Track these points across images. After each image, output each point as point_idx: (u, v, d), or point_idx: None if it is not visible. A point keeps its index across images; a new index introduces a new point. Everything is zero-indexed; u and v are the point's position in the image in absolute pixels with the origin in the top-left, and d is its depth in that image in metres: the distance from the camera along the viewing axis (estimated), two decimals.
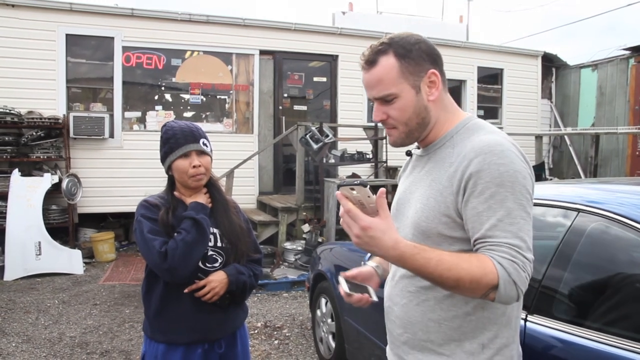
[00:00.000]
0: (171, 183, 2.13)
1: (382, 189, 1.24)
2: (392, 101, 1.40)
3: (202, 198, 2.10)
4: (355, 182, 1.23)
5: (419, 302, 1.42)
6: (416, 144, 1.51)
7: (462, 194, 1.32)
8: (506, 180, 1.27)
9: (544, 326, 1.92)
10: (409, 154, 1.60)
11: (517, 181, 1.28)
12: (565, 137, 11.65)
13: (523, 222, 1.27)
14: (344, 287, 1.47)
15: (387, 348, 1.61)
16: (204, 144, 2.08)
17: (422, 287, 1.41)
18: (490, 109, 11.11)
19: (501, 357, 1.39)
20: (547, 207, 2.30)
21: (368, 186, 1.23)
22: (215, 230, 2.10)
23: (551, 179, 10.49)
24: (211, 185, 2.16)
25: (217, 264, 2.08)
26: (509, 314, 1.41)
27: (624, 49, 10.80)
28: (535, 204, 2.34)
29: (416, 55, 1.39)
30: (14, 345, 4.44)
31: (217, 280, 2.03)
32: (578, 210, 2.05)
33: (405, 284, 1.46)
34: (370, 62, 1.40)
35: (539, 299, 2.02)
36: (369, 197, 1.23)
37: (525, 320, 1.99)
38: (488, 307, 1.37)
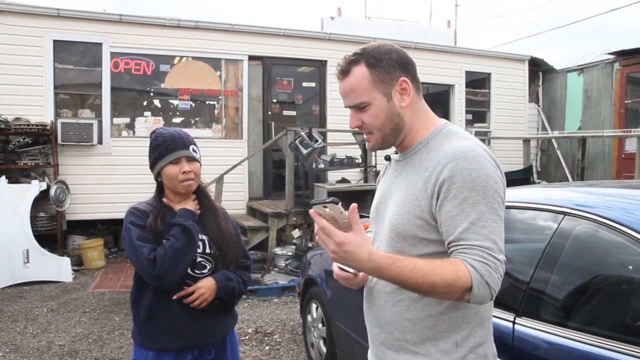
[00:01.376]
0: (160, 189, 2.13)
1: (354, 205, 1.29)
2: (365, 108, 1.46)
3: (191, 205, 2.10)
4: (327, 200, 1.26)
5: (395, 303, 1.46)
6: (394, 149, 1.57)
7: (436, 198, 1.36)
8: (478, 185, 1.32)
9: (531, 328, 1.94)
10: (387, 158, 1.65)
11: (488, 185, 1.33)
12: (553, 140, 11.76)
13: (494, 224, 1.32)
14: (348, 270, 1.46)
15: (369, 350, 1.64)
16: (194, 150, 2.09)
17: (398, 287, 1.44)
18: (478, 113, 11.19)
19: (475, 355, 1.43)
20: (534, 211, 2.33)
21: (340, 203, 1.26)
22: (204, 237, 2.10)
23: (539, 182, 10.59)
24: (200, 192, 2.16)
25: (205, 271, 2.08)
26: (482, 314, 1.45)
27: (609, 53, 10.95)
28: (523, 207, 2.39)
29: (386, 64, 1.44)
30: (1, 354, 4.39)
31: (205, 287, 2.03)
32: (564, 214, 2.08)
33: (382, 285, 1.50)
34: (343, 72, 1.47)
35: (526, 301, 2.04)
36: (341, 213, 1.26)
37: (514, 322, 2.01)
38: (461, 307, 1.41)
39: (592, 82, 11.36)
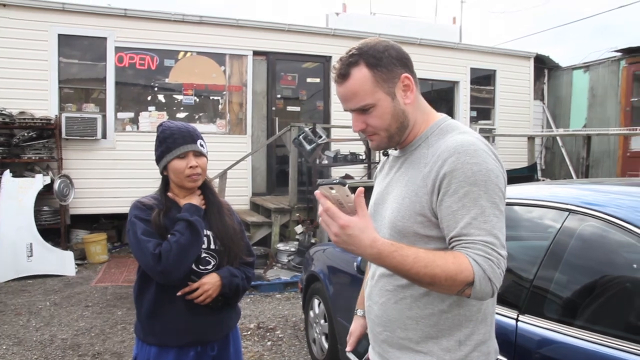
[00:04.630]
0: (165, 184, 2.12)
1: (361, 188, 1.27)
2: (370, 110, 1.42)
3: (196, 200, 2.09)
4: (334, 181, 1.24)
5: (397, 300, 1.45)
6: None
7: (436, 193, 1.35)
8: (479, 179, 1.31)
9: (535, 326, 1.93)
10: (385, 154, 1.63)
11: (489, 180, 1.31)
12: (558, 138, 11.72)
13: (496, 219, 1.31)
14: None
15: (369, 347, 1.63)
16: (201, 145, 2.07)
17: (400, 285, 1.44)
18: (483, 110, 11.15)
19: (478, 353, 1.42)
20: (538, 208, 2.31)
21: (347, 185, 1.23)
22: (209, 233, 2.09)
23: (543, 180, 10.54)
24: (205, 187, 2.15)
25: (210, 267, 2.07)
26: (484, 311, 1.44)
27: (615, 51, 10.88)
28: (527, 204, 2.37)
29: (387, 62, 1.40)
30: (4, 347, 4.41)
31: (210, 283, 2.02)
32: (569, 211, 2.06)
33: (384, 282, 1.49)
34: (342, 75, 1.41)
35: (530, 299, 2.03)
36: (347, 196, 1.24)
37: (517, 320, 2.00)
38: (464, 304, 1.40)
39: (598, 79, 11.30)
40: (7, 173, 6.88)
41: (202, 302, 2.01)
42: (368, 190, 1.32)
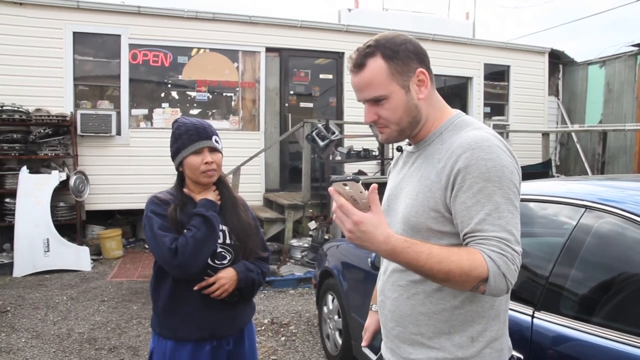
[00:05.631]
0: (181, 179, 2.14)
1: (374, 185, 1.26)
2: (382, 102, 1.42)
3: (212, 195, 2.10)
4: (348, 178, 1.23)
5: (409, 296, 1.45)
6: (407, 140, 1.54)
7: (450, 189, 1.34)
8: (493, 175, 1.30)
9: (551, 322, 1.92)
10: (399, 149, 1.63)
11: (504, 176, 1.31)
12: (572, 134, 11.60)
13: (511, 215, 1.30)
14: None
15: (382, 343, 1.63)
16: (216, 141, 2.09)
17: (412, 280, 1.43)
18: (496, 106, 11.07)
19: (491, 349, 1.41)
20: (554, 204, 2.30)
21: (360, 181, 1.23)
22: (224, 227, 2.10)
23: (557, 176, 10.45)
24: (220, 183, 2.16)
25: (225, 261, 2.09)
26: (497, 307, 1.43)
27: (632, 45, 10.73)
28: (542, 201, 2.36)
29: (404, 55, 1.40)
30: (23, 340, 4.48)
31: (226, 277, 2.03)
32: (586, 207, 2.05)
33: (396, 278, 1.49)
34: (358, 65, 1.41)
35: (546, 295, 2.02)
36: (361, 192, 1.24)
37: (533, 316, 1.99)
38: (476, 300, 1.39)
39: (614, 74, 11.16)
40: (24, 169, 6.97)
41: (219, 296, 2.02)
42: (382, 186, 1.33)
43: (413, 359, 1.46)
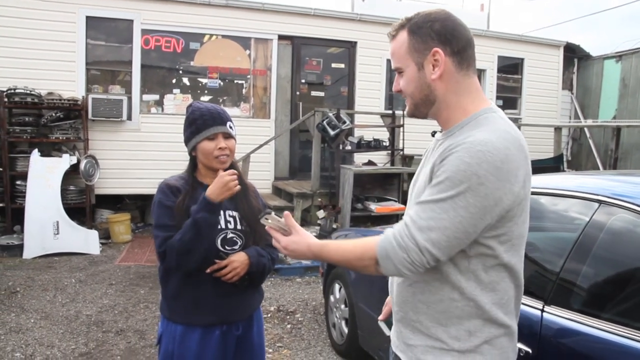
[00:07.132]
0: (193, 164, 2.13)
1: (286, 212, 1.54)
2: (402, 74, 1.48)
3: (226, 177, 1.97)
4: (266, 212, 1.56)
5: (411, 283, 1.47)
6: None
7: (429, 183, 1.37)
8: (457, 177, 1.27)
9: (561, 317, 1.91)
10: (433, 134, 1.65)
11: (469, 182, 1.26)
12: (585, 129, 11.48)
13: (445, 215, 1.28)
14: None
15: (393, 325, 1.65)
16: (230, 127, 2.07)
17: None
18: (509, 99, 10.97)
19: (491, 346, 1.39)
20: (566, 198, 2.27)
21: (272, 212, 1.56)
22: (235, 213, 2.10)
23: (569, 171, 10.36)
24: (232, 169, 2.15)
25: (236, 247, 2.09)
26: (497, 316, 1.39)
27: None
28: (554, 195, 2.33)
29: (425, 32, 1.41)
30: (32, 321, 4.53)
31: (238, 261, 2.03)
32: (600, 202, 2.02)
33: None
34: (393, 35, 1.49)
35: (556, 290, 2.00)
36: (279, 220, 1.54)
37: (542, 310, 1.97)
38: (474, 297, 1.37)
39: (630, 69, 11.00)
40: (35, 152, 7.01)
41: (230, 279, 2.02)
42: (391, 178, 1.35)
43: (411, 344, 1.47)
